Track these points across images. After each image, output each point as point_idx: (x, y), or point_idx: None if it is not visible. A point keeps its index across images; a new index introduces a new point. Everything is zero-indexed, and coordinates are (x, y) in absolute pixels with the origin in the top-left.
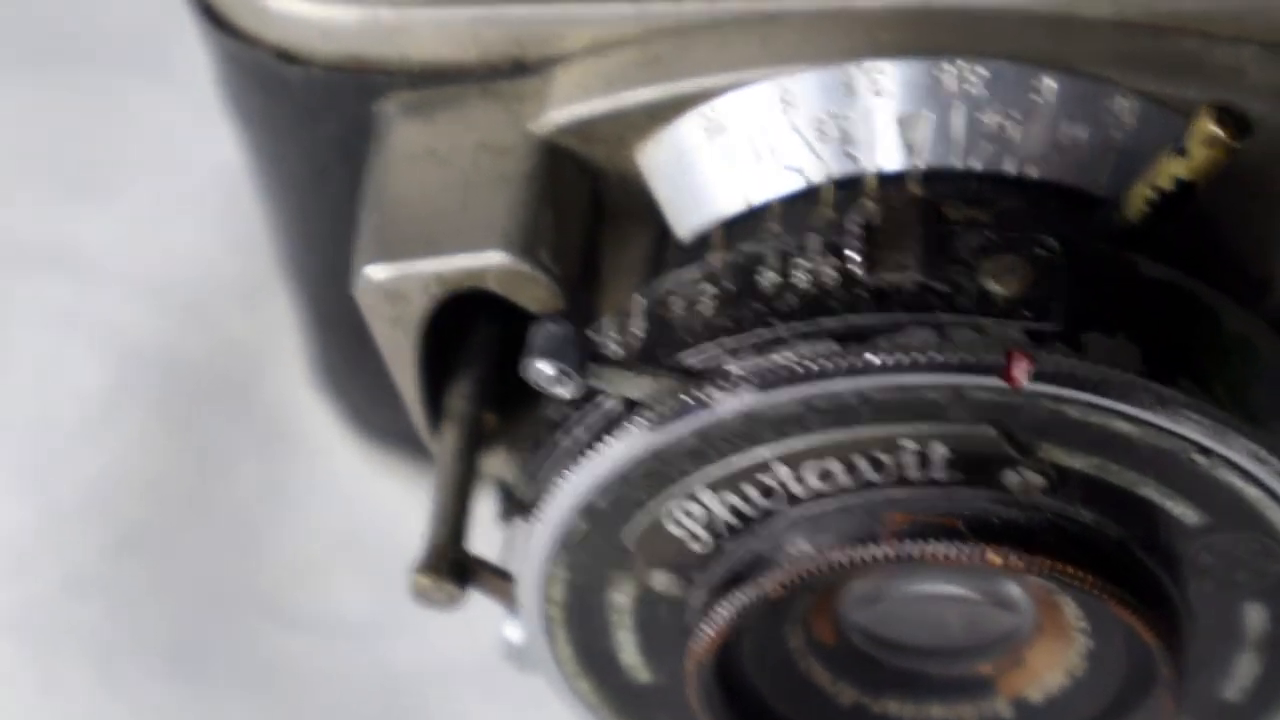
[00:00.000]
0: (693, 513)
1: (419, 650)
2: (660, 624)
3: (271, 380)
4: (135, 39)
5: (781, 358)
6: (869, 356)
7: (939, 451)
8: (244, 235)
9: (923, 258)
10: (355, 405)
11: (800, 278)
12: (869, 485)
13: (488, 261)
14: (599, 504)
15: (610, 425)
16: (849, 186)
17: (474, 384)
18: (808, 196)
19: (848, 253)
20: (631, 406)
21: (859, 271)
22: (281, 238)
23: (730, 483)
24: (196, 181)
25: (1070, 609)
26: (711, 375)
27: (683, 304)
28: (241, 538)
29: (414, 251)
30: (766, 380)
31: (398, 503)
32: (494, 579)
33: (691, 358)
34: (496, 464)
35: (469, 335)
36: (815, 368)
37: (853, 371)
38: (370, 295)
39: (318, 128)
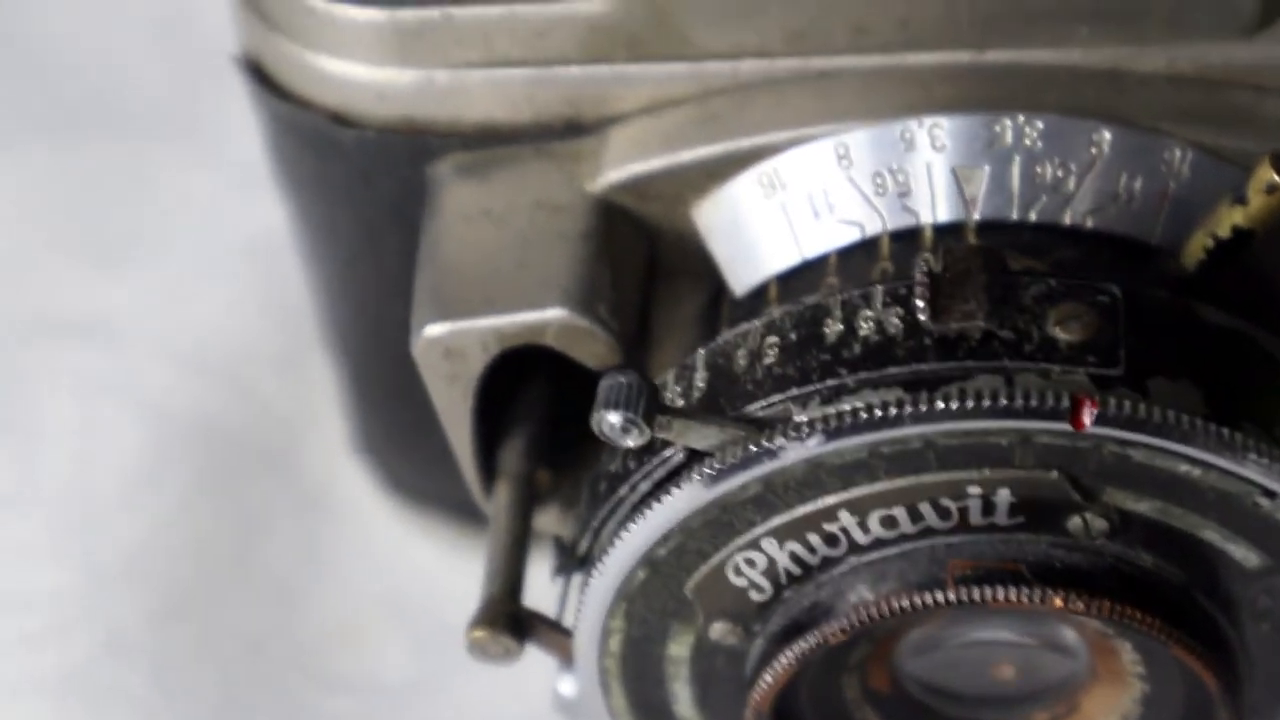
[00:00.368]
0: (755, 562)
1: (458, 711)
2: (717, 675)
3: (309, 447)
4: (165, 109)
5: (849, 405)
6: (937, 403)
7: (1004, 497)
8: (278, 303)
9: (987, 305)
10: (394, 470)
11: (865, 327)
12: (932, 532)
13: (547, 318)
14: (660, 553)
15: (674, 476)
16: (906, 239)
17: (527, 441)
18: (865, 249)
19: (915, 301)
20: (696, 457)
21: (924, 320)
22: (327, 304)
23: (794, 531)
24: (229, 251)
25: (1127, 654)
26: (778, 424)
27: (746, 356)
28: (282, 601)
29: (472, 310)
30: (834, 428)
31: (435, 566)
32: (550, 633)
33: (757, 408)
34: (549, 521)
35: (520, 394)
36: (882, 415)
37: (920, 418)
38: (428, 353)
39: (370, 191)
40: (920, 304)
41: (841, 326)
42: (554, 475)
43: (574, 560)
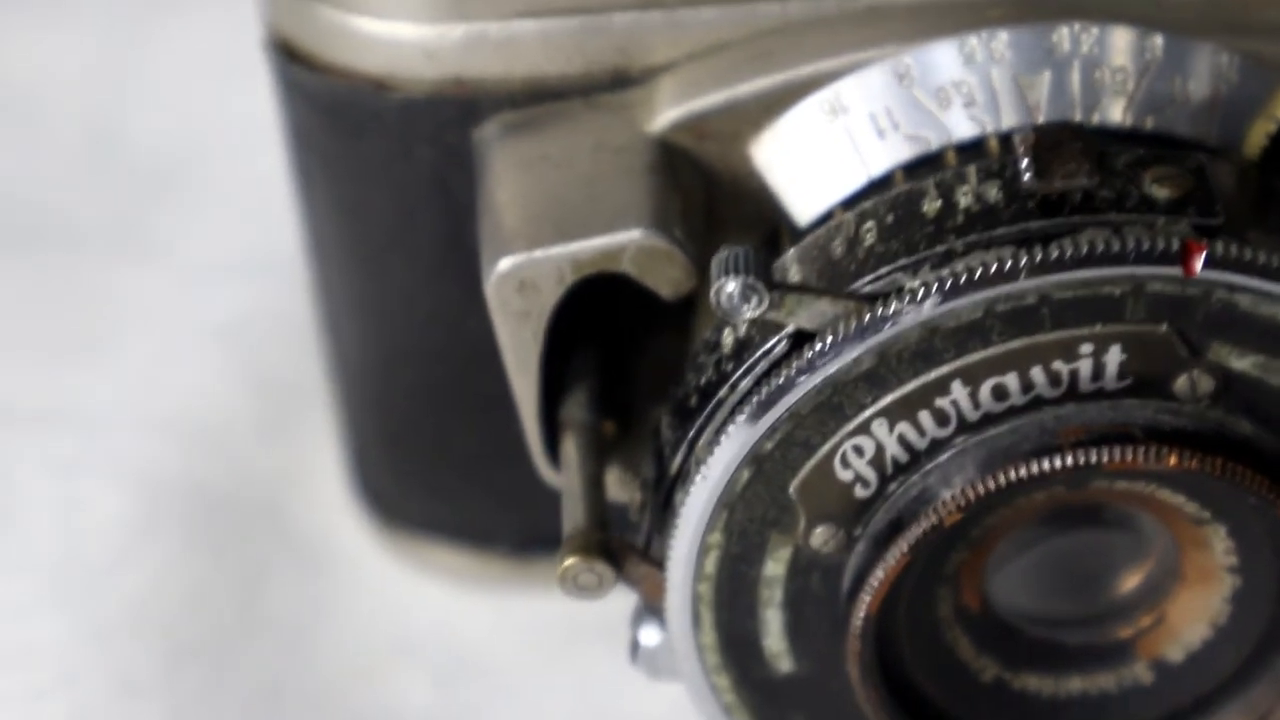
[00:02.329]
0: (863, 450)
1: None
2: (811, 598)
3: (300, 503)
4: (107, 222)
5: (962, 265)
6: (1052, 253)
7: (1114, 357)
8: (254, 377)
9: (1087, 165)
10: (400, 505)
11: (964, 200)
12: (1042, 402)
13: (625, 240)
14: (767, 448)
15: (779, 366)
16: (970, 150)
17: (589, 394)
18: (930, 163)
19: (1015, 167)
20: (800, 343)
21: (1028, 180)
22: (347, 312)
23: (905, 410)
24: (197, 335)
25: (1219, 544)
26: (891, 294)
27: (843, 244)
28: (294, 647)
29: (546, 240)
30: (950, 288)
31: (444, 603)
32: (641, 564)
33: (864, 284)
34: (610, 485)
35: (577, 353)
36: (998, 269)
37: (1035, 269)
38: (502, 288)
39: (410, 165)
40: (1024, 163)
41: (940, 202)
42: (619, 427)
43: (661, 489)
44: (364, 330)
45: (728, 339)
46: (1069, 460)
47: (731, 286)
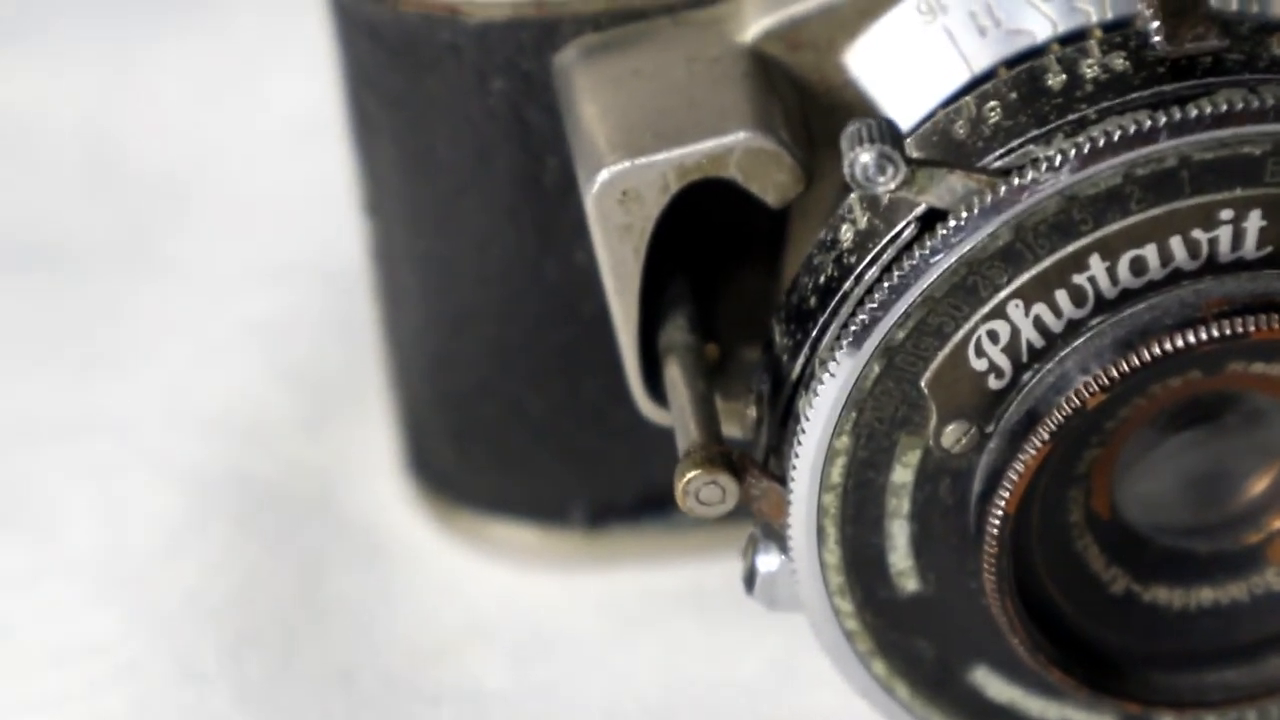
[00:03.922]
0: (998, 335)
1: (572, 708)
2: (940, 509)
3: (353, 496)
4: (128, 242)
5: (1098, 130)
6: (1190, 112)
7: (1254, 222)
8: (295, 373)
9: (1216, 29)
10: (464, 482)
11: (1090, 72)
12: (1180, 276)
13: (731, 143)
14: (898, 338)
15: (908, 250)
16: (1073, 41)
17: (688, 318)
18: (1032, 55)
19: (1152, 25)
20: (930, 225)
21: (1158, 44)
22: (411, 272)
23: (1041, 288)
24: (230, 341)
25: None
26: (1025, 167)
27: (966, 125)
28: (360, 629)
29: (647, 147)
30: (1087, 152)
31: (511, 584)
32: (762, 478)
33: (995, 159)
34: None
35: (672, 283)
36: (1136, 130)
37: (1175, 129)
38: (604, 199)
39: (484, 98)
40: (1153, 26)
41: (1065, 76)
42: (721, 350)
43: (780, 399)
44: (428, 290)
45: (846, 234)
46: (1214, 331)
47: (866, 157)
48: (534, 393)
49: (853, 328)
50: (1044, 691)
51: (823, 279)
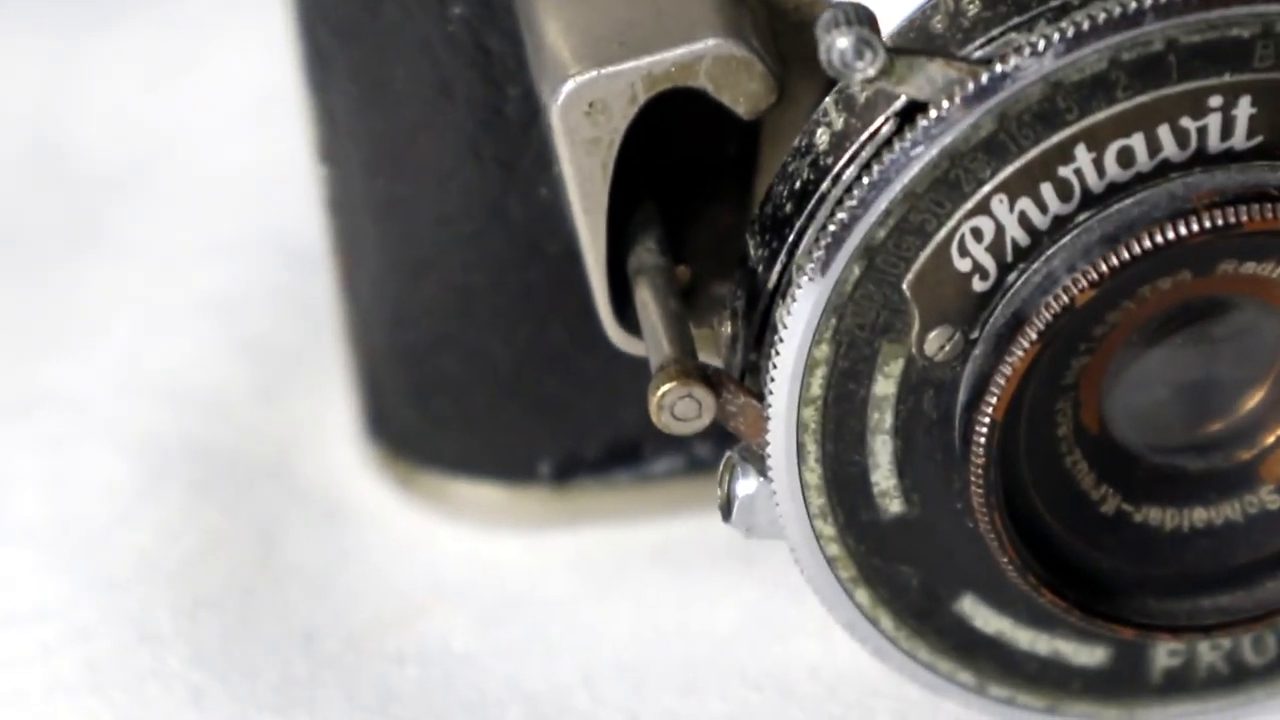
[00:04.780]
0: (982, 233)
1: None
2: (924, 422)
3: (310, 463)
4: (73, 224)
5: (1082, 14)
6: None
7: (1244, 109)
8: (247, 343)
9: None
10: (424, 443)
11: None
12: (1169, 168)
13: (701, 50)
14: (879, 237)
15: (888, 146)
16: None
17: (657, 241)
18: None
19: None
20: (909, 119)
21: None
22: (365, 216)
23: (1026, 182)
24: (181, 315)
25: None
26: (1008, 54)
27: (944, 19)
28: (321, 591)
29: (614, 57)
30: (1072, 36)
31: (475, 546)
32: (740, 393)
33: (976, 48)
34: None
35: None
36: (1122, 12)
37: (1161, 10)
38: (570, 111)
39: (444, 25)
40: None
41: None
42: (692, 272)
43: (756, 311)
44: (388, 236)
45: (822, 137)
46: (1205, 222)
47: (844, 41)
48: (498, 340)
49: (831, 228)
50: (1034, 622)
51: (799, 184)
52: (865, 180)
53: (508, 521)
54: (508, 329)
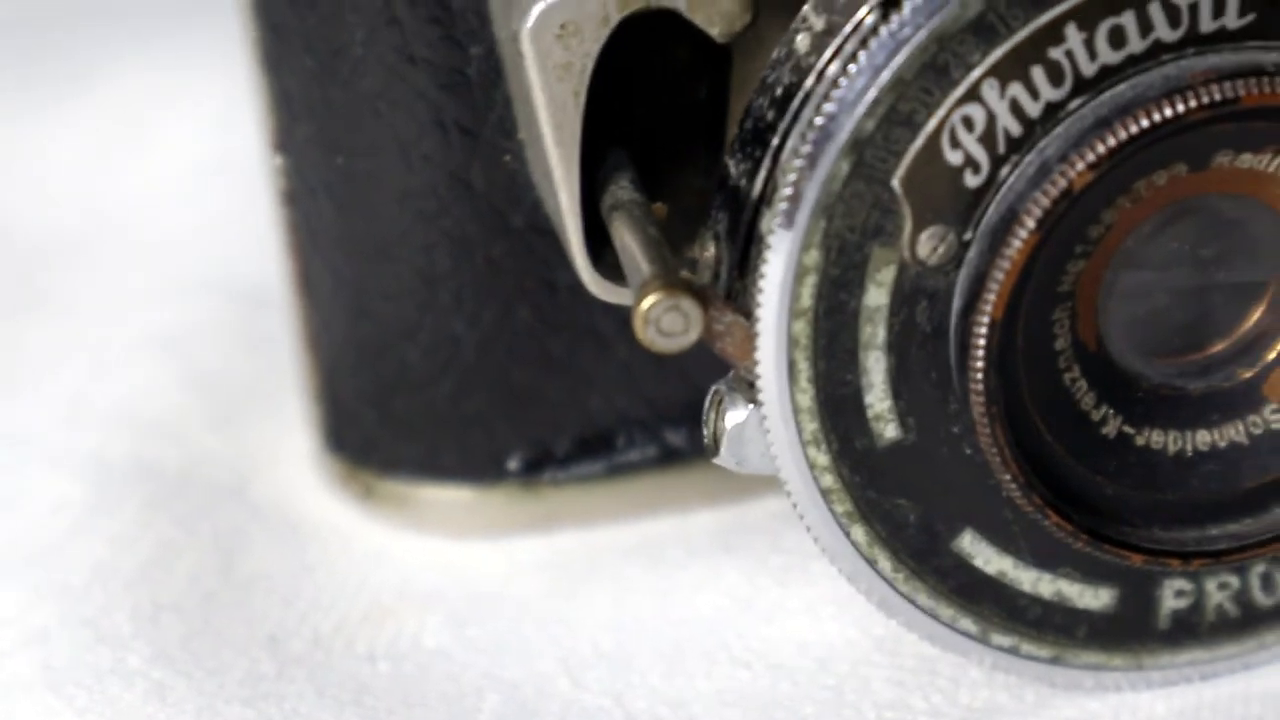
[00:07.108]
0: (973, 122)
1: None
2: (918, 336)
3: (264, 482)
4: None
5: None
6: None
7: None
8: (198, 380)
9: None
10: (387, 450)
11: None
12: (1161, 49)
13: None
14: (868, 129)
15: (873, 35)
16: None
17: (631, 181)
18: None
19: None
20: (896, 2)
21: None
22: (324, 200)
23: (1017, 65)
24: (131, 348)
25: None
26: None
27: None
28: (285, 598)
29: None
30: None
31: (445, 553)
32: (727, 310)
33: None
34: None
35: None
36: None
37: None
38: (541, 35)
39: None
40: None
41: None
42: (668, 208)
43: (740, 225)
44: (347, 220)
45: (803, 42)
46: (1203, 97)
47: None
48: (463, 324)
49: (819, 121)
50: (1037, 561)
51: (780, 90)
52: (852, 68)
53: (477, 525)
54: (472, 312)
